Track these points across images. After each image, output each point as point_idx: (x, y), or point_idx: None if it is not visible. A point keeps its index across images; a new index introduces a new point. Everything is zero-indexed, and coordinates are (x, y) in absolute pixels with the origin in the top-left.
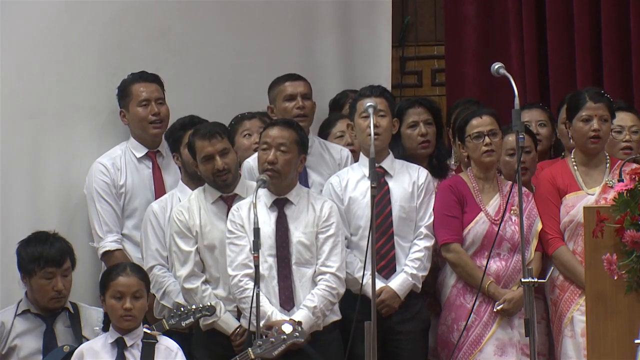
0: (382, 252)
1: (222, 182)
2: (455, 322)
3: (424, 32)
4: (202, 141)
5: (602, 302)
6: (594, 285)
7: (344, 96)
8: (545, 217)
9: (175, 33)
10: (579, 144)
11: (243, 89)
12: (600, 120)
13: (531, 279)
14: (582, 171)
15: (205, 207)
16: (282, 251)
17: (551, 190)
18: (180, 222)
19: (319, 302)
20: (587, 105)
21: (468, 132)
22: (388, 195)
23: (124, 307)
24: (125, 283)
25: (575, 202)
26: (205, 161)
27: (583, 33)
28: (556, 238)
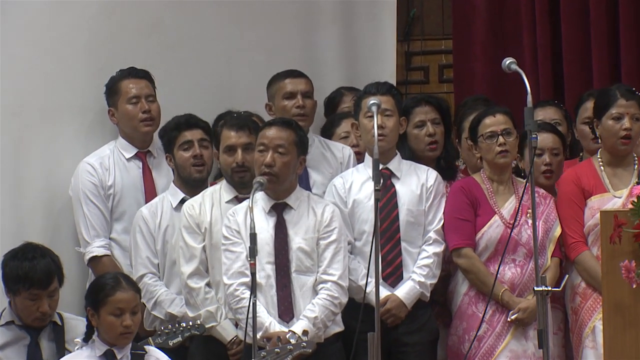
0: (389, 258)
1: (238, 179)
2: (467, 333)
3: (431, 25)
4: (228, 130)
5: (620, 312)
6: (611, 294)
7: (339, 94)
8: (568, 219)
9: (167, 26)
10: (609, 143)
11: (239, 86)
12: (632, 119)
13: (544, 287)
14: (609, 172)
15: (219, 205)
16: (280, 258)
17: (575, 192)
18: (190, 216)
19: (320, 313)
20: (619, 103)
21: (481, 131)
22: (395, 199)
23: (124, 324)
24: (124, 299)
25: (600, 204)
26: (227, 152)
27: (599, 26)
28: (579, 242)
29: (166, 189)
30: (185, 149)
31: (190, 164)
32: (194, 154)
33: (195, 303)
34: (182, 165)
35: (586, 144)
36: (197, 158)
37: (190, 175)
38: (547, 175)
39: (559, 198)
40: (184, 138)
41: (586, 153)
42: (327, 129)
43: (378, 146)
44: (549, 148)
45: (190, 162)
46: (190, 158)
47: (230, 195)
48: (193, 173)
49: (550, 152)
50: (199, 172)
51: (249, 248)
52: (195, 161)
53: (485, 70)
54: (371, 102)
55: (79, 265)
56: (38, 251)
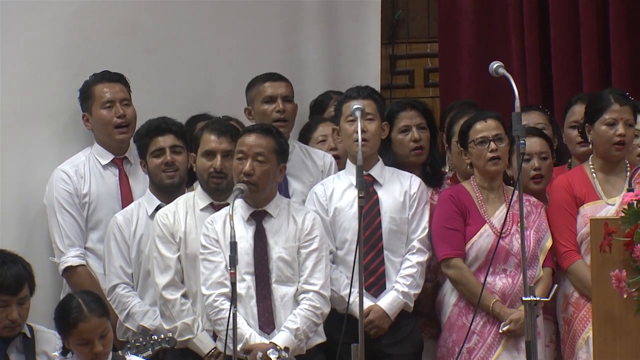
0: (371, 267)
1: (214, 186)
2: (457, 345)
3: (416, 28)
4: (209, 134)
5: (610, 323)
6: (601, 304)
7: (327, 98)
8: (560, 228)
9: (144, 29)
10: (602, 149)
11: (218, 89)
12: (625, 125)
13: (533, 297)
14: (601, 179)
15: (193, 213)
16: (260, 268)
17: (567, 199)
18: (164, 226)
19: (302, 324)
20: (613, 108)
21: (472, 137)
22: (377, 206)
23: (94, 351)
24: (88, 329)
25: (593, 212)
26: (205, 156)
27: (589, 29)
28: (572, 251)
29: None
30: (156, 156)
31: (161, 171)
32: (164, 161)
33: (171, 315)
34: (154, 172)
35: (573, 148)
36: (168, 165)
37: (162, 181)
38: (536, 180)
39: (551, 206)
40: (155, 145)
41: (574, 158)
42: (304, 134)
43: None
44: (537, 152)
45: (161, 168)
46: (162, 165)
47: (205, 202)
48: (164, 179)
49: (539, 157)
50: (170, 177)
51: (230, 257)
52: (166, 167)
53: (471, 74)
54: (354, 107)
55: (54, 275)
56: (8, 257)
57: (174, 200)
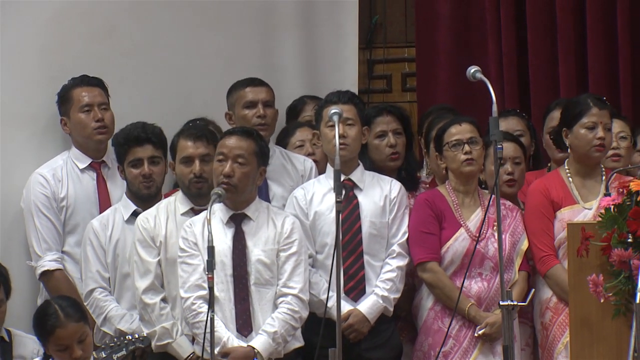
0: (351, 272)
1: (196, 190)
2: (433, 349)
3: (394, 32)
4: (185, 141)
5: (587, 327)
6: (578, 309)
7: (301, 102)
8: (538, 232)
9: (121, 33)
10: (581, 152)
11: (196, 93)
12: (604, 129)
13: (510, 301)
14: (578, 183)
15: (174, 218)
16: (239, 271)
17: (544, 204)
18: (144, 230)
19: (280, 327)
20: (592, 112)
21: (446, 140)
22: (357, 210)
23: (73, 356)
24: (65, 335)
25: (571, 216)
26: (184, 163)
27: (567, 34)
28: (550, 256)
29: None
30: (134, 166)
31: (139, 182)
32: (142, 173)
33: (150, 319)
34: (131, 181)
35: (552, 153)
36: (146, 177)
37: (140, 191)
38: (510, 184)
39: (528, 210)
40: (133, 155)
41: (553, 163)
42: (282, 138)
43: (340, 156)
44: (510, 157)
45: (139, 179)
46: (139, 176)
47: (186, 207)
48: (142, 189)
49: (512, 161)
50: (147, 188)
51: (207, 261)
52: (143, 179)
53: (449, 79)
54: (332, 112)
55: (31, 279)
56: None
57: (155, 205)
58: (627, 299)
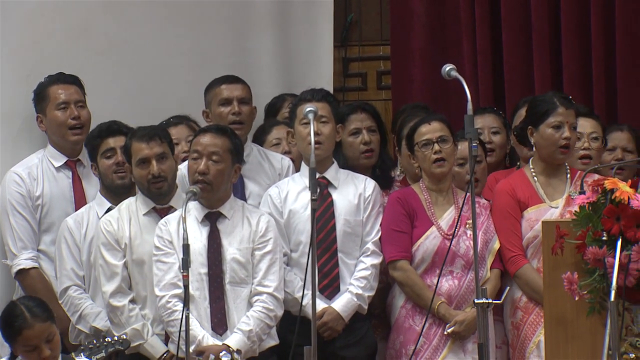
0: (325, 270)
1: (156, 190)
2: (404, 346)
3: (369, 30)
4: (139, 143)
5: (562, 325)
6: (553, 307)
7: (281, 100)
8: (505, 232)
9: (97, 30)
10: (546, 152)
11: (172, 92)
12: (570, 128)
13: (485, 299)
14: (543, 182)
15: (137, 219)
16: (214, 269)
17: (511, 204)
18: (108, 233)
19: (255, 326)
20: (559, 111)
21: (416, 140)
22: (332, 208)
23: (42, 356)
24: (32, 336)
25: (538, 215)
26: (140, 165)
27: (541, 33)
28: (519, 255)
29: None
30: (107, 157)
31: (112, 171)
32: (116, 162)
33: (119, 322)
34: (104, 173)
35: (521, 151)
36: (120, 165)
37: (113, 182)
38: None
39: (495, 211)
40: (106, 145)
41: (522, 161)
42: (258, 136)
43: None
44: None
45: (112, 169)
46: (113, 165)
47: (147, 207)
48: (115, 180)
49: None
50: (121, 178)
51: (182, 259)
52: (117, 168)
53: (424, 77)
54: (307, 109)
55: (6, 278)
56: None
57: (116, 207)
58: (602, 297)
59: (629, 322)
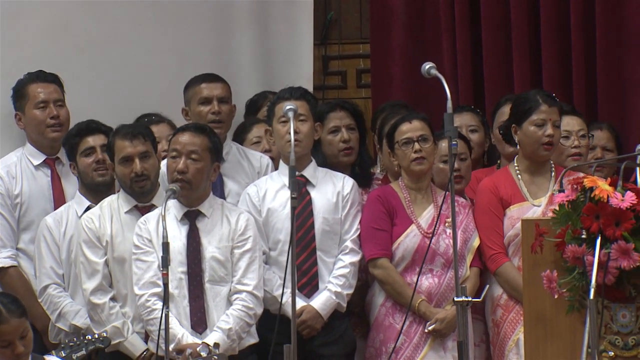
0: (304, 268)
1: (139, 189)
2: (384, 345)
3: (349, 29)
4: (122, 141)
5: (541, 323)
6: (532, 305)
7: (263, 97)
8: (487, 230)
9: (76, 29)
10: (529, 150)
11: (152, 90)
12: (553, 126)
13: (465, 297)
14: (527, 180)
15: (118, 216)
16: (193, 268)
17: (493, 201)
18: (89, 230)
19: (235, 324)
20: (542, 109)
21: (397, 138)
22: (310, 207)
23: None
24: (8, 331)
25: (520, 214)
26: (123, 163)
27: (520, 31)
28: (500, 253)
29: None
30: (87, 155)
31: (92, 169)
32: (96, 159)
33: (100, 319)
34: (84, 172)
35: (502, 149)
36: (100, 163)
37: (93, 180)
38: (456, 180)
39: (477, 208)
40: (85, 144)
41: (503, 158)
42: (239, 134)
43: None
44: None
45: (92, 167)
46: (93, 163)
47: (129, 205)
48: (95, 177)
49: (458, 158)
50: (101, 175)
51: (161, 258)
52: (97, 166)
53: (403, 75)
54: (287, 108)
55: None
56: None
57: (98, 204)
58: (581, 295)
59: (608, 320)
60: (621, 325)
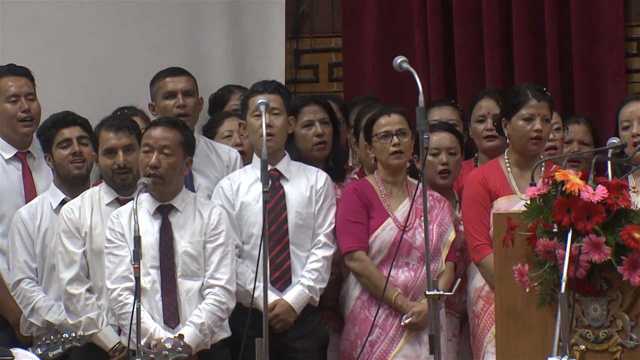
0: (277, 262)
1: (121, 181)
2: (360, 338)
3: (321, 22)
4: (107, 132)
5: (512, 317)
6: (504, 299)
7: (228, 92)
8: (473, 221)
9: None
10: (518, 144)
11: (122, 84)
12: (542, 120)
13: (436, 291)
14: (516, 174)
15: (99, 208)
16: (166, 262)
17: (481, 193)
18: (69, 220)
19: (207, 318)
20: (531, 103)
21: (375, 131)
22: (283, 200)
23: None
24: None
25: (507, 206)
26: (107, 154)
27: (492, 25)
28: (484, 245)
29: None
30: (63, 147)
31: (68, 161)
32: (72, 152)
33: (75, 310)
34: (60, 163)
35: (480, 143)
36: (76, 155)
37: (70, 172)
38: (443, 175)
39: (465, 199)
40: (62, 136)
41: (480, 152)
42: (210, 128)
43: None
44: (445, 147)
45: (68, 159)
46: (69, 155)
47: (110, 197)
48: (72, 170)
49: (447, 152)
50: (77, 168)
51: (133, 252)
52: (73, 158)
53: (375, 69)
54: (259, 101)
55: None
56: None
57: (79, 195)
58: (552, 289)
59: (579, 313)
60: (592, 318)
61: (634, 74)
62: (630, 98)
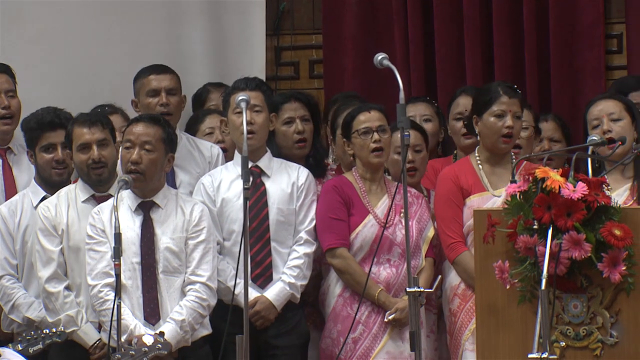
0: (258, 259)
1: (96, 177)
2: (342, 335)
3: (301, 19)
4: (80, 128)
5: (493, 314)
6: (484, 295)
7: (206, 91)
8: (446, 219)
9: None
10: (489, 141)
11: (103, 80)
12: (513, 117)
13: (417, 288)
14: (488, 171)
15: (75, 205)
16: (147, 259)
17: (454, 190)
18: (45, 218)
19: (188, 315)
20: (501, 100)
21: (355, 127)
22: (265, 197)
23: None
24: None
25: (480, 203)
26: (81, 150)
27: (472, 22)
28: (459, 242)
29: (27, 187)
30: (47, 151)
31: (51, 167)
32: (55, 158)
33: (54, 308)
34: (42, 167)
35: (458, 140)
36: (59, 162)
37: (51, 177)
38: (410, 172)
39: (437, 197)
40: (46, 140)
41: (459, 150)
42: (191, 125)
43: (248, 143)
44: (411, 145)
45: (51, 165)
46: (52, 162)
47: (86, 194)
48: (53, 175)
49: (413, 149)
50: (59, 175)
51: (114, 248)
52: (56, 165)
53: (355, 66)
54: (240, 98)
55: None
56: None
57: (56, 193)
58: (533, 286)
59: (559, 310)
60: (572, 315)
61: (615, 72)
62: (598, 98)
